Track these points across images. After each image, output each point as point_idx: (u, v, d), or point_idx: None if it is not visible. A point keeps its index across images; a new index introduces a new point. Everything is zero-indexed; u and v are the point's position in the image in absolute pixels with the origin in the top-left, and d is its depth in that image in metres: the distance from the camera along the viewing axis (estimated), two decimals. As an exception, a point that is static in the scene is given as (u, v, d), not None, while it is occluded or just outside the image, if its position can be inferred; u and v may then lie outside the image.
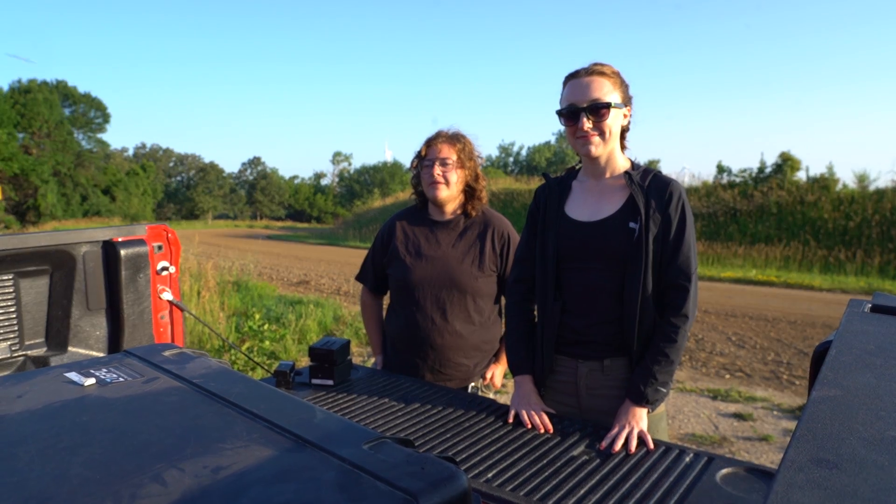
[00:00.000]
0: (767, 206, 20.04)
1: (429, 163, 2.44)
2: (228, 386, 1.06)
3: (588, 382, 1.89)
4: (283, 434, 0.88)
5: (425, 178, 2.46)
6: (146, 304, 2.43)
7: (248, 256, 17.32)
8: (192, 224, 57.40)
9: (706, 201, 21.77)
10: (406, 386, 2.12)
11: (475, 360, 2.47)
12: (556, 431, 1.70)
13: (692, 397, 5.60)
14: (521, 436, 1.66)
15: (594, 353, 1.87)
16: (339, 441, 0.85)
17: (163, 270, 2.50)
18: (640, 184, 1.84)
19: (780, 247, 17.77)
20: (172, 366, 1.17)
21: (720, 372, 6.44)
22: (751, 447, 4.42)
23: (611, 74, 1.84)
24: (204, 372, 1.14)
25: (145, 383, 1.09)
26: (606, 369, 1.87)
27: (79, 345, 2.32)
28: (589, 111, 1.80)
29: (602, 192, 1.92)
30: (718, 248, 18.55)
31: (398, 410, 1.85)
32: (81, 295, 2.33)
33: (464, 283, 2.41)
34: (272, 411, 0.95)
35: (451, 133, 2.51)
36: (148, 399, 1.02)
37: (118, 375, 1.13)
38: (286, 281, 14.13)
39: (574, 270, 1.88)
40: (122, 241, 2.37)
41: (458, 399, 1.96)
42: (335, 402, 1.95)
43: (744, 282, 14.25)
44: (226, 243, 28.42)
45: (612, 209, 1.87)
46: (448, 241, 2.48)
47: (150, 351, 1.26)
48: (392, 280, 2.52)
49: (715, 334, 8.15)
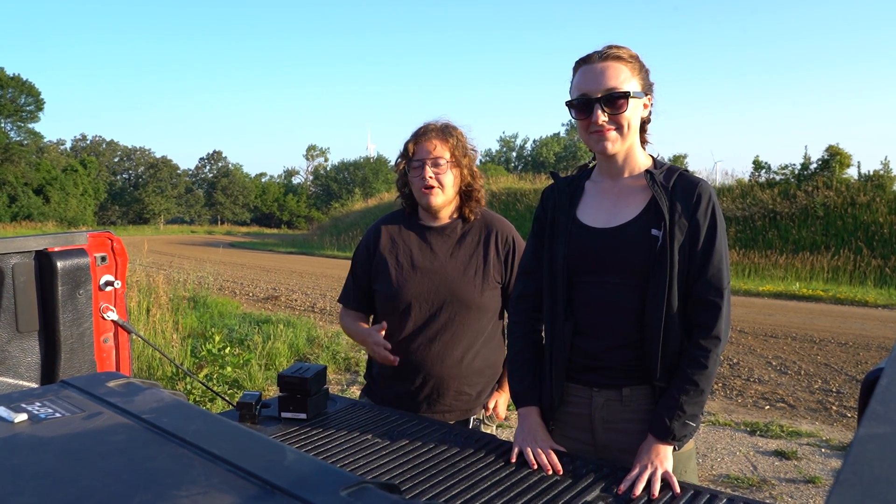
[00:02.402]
0: (813, 208, 20.17)
1: (418, 163, 2.42)
2: (184, 422, 1.07)
3: (604, 415, 1.90)
4: (248, 479, 0.88)
5: (415, 182, 2.44)
6: (87, 326, 2.43)
7: (207, 267, 17.31)
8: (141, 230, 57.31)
9: (741, 203, 21.90)
10: (392, 420, 2.13)
11: (478, 387, 2.47)
12: (567, 473, 1.70)
13: (726, 432, 5.63)
14: (525, 478, 1.67)
15: (611, 381, 1.88)
16: (313, 487, 0.85)
17: (107, 286, 2.50)
18: (664, 184, 1.85)
19: (827, 256, 17.87)
20: (118, 398, 1.17)
21: (759, 402, 6.48)
22: (794, 490, 4.44)
23: (629, 59, 1.85)
24: (155, 406, 1.15)
25: (86, 419, 1.10)
26: (626, 400, 1.87)
27: (6, 373, 2.32)
28: (604, 102, 1.81)
29: (620, 195, 1.93)
30: (756, 258, 18.64)
31: (383, 449, 1.86)
32: (10, 315, 2.33)
33: (467, 299, 2.41)
34: (235, 452, 0.95)
35: (440, 125, 2.49)
36: (89, 438, 1.02)
37: (54, 410, 1.14)
38: (252, 296, 14.13)
39: (588, 285, 1.89)
40: (58, 251, 2.37)
41: (452, 435, 1.96)
42: (308, 439, 1.96)
43: (786, 296, 14.34)
44: (181, 252, 28.38)
45: (632, 214, 1.88)
46: (445, 250, 2.47)
47: (92, 381, 1.26)
48: (379, 297, 2.50)
49: (752, 358, 8.19)
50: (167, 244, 35.92)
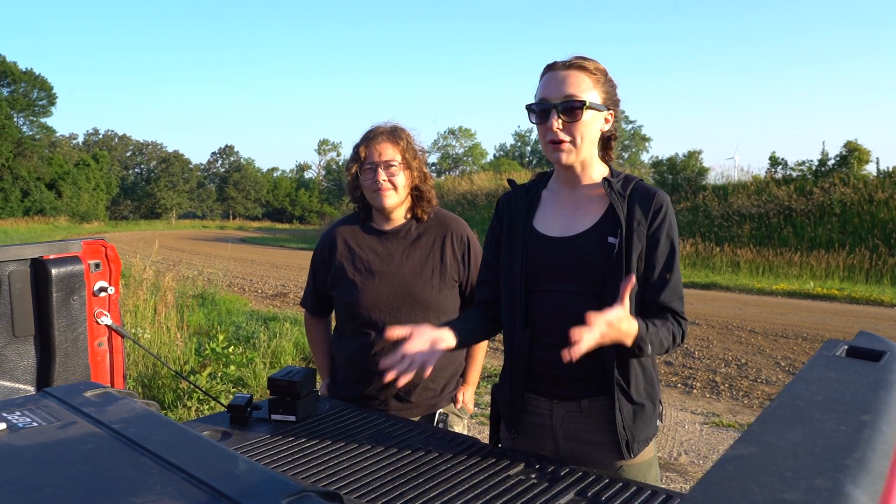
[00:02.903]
0: (829, 205, 20.06)
1: (370, 166, 2.51)
2: (149, 432, 1.15)
3: (565, 426, 1.94)
4: (200, 487, 0.97)
5: (367, 184, 2.52)
6: (81, 331, 2.52)
7: (217, 263, 17.45)
8: (153, 224, 57.71)
9: (756, 199, 21.82)
10: (379, 423, 2.18)
11: (442, 381, 2.58)
12: (542, 477, 1.75)
13: (730, 433, 5.66)
14: (503, 481, 1.72)
15: (570, 393, 1.92)
16: (256, 495, 0.93)
17: (100, 291, 2.59)
18: (621, 192, 1.88)
19: (843, 254, 17.77)
20: (92, 409, 1.26)
21: (765, 403, 6.47)
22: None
23: (593, 71, 1.87)
24: (125, 416, 1.23)
25: (60, 429, 1.19)
26: (584, 411, 1.91)
27: (3, 377, 2.41)
28: (561, 109, 1.82)
29: (577, 204, 1.96)
30: (770, 256, 18.57)
31: (366, 452, 1.91)
32: (6, 320, 2.42)
33: (425, 299, 2.49)
34: (192, 461, 1.04)
35: (389, 128, 2.57)
36: (61, 447, 1.11)
37: (32, 420, 1.23)
38: (260, 293, 14.25)
39: (545, 294, 1.92)
40: (53, 258, 2.46)
41: (440, 439, 2.01)
42: (296, 441, 2.00)
43: (799, 295, 14.29)
44: (192, 248, 28.59)
45: (589, 223, 1.91)
46: (401, 253, 2.56)
47: (71, 391, 1.35)
48: (339, 304, 2.60)
49: (761, 358, 8.20)
50: (178, 239, 36.18)
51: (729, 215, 22.02)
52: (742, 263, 18.65)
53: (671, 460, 5.08)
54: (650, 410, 1.93)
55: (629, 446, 1.88)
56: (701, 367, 7.83)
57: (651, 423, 1.95)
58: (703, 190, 24.16)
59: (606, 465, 1.90)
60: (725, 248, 19.81)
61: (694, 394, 6.86)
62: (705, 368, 7.79)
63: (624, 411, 1.88)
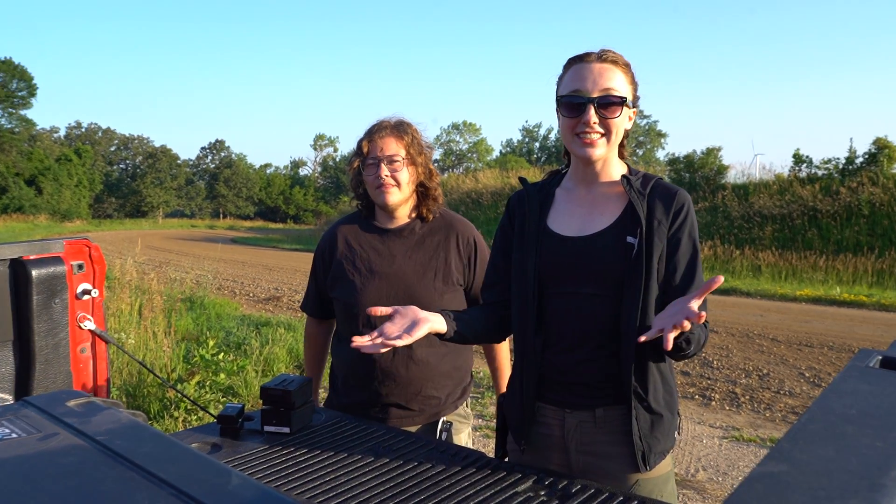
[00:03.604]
0: (857, 205, 20.02)
1: (373, 161, 2.52)
2: (136, 444, 1.15)
3: (578, 437, 1.94)
4: (190, 503, 0.96)
5: (370, 180, 2.54)
6: (63, 336, 2.52)
7: (207, 265, 17.49)
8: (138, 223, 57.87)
9: (779, 199, 21.79)
10: (378, 435, 2.18)
11: (446, 390, 2.58)
12: (552, 494, 1.75)
13: (751, 449, 5.65)
14: (511, 498, 1.71)
15: (584, 401, 1.93)
16: (251, 513, 0.93)
17: (84, 294, 2.59)
18: (641, 191, 1.90)
19: (871, 258, 17.74)
20: (75, 419, 1.26)
21: (788, 417, 6.48)
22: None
23: (624, 66, 1.92)
24: (111, 427, 1.23)
25: (41, 440, 1.18)
26: (599, 421, 1.92)
27: None
28: (599, 103, 1.85)
29: (594, 203, 1.98)
30: (793, 259, 18.54)
31: (365, 466, 1.90)
32: None
33: (427, 302, 2.48)
34: (182, 476, 1.04)
35: (394, 122, 2.59)
36: (42, 460, 1.11)
37: (11, 431, 1.22)
38: (252, 297, 14.27)
39: (560, 296, 1.93)
40: (33, 259, 2.46)
41: (441, 453, 2.01)
42: (290, 454, 2.00)
43: (825, 301, 14.26)
44: (179, 248, 28.67)
45: (607, 222, 1.93)
46: (403, 253, 2.57)
47: (52, 400, 1.35)
48: (339, 305, 2.61)
49: (784, 368, 8.19)
50: (165, 239, 36.26)
51: (750, 216, 21.99)
52: (764, 267, 18.62)
53: (688, 477, 5.07)
54: (668, 421, 1.93)
55: (645, 458, 1.88)
56: (720, 378, 7.81)
57: (669, 435, 1.95)
58: (723, 189, 24.13)
59: (620, 478, 1.91)
60: (746, 250, 19.78)
61: (712, 406, 6.85)
62: (724, 379, 7.77)
63: (641, 420, 1.88)
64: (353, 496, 1.72)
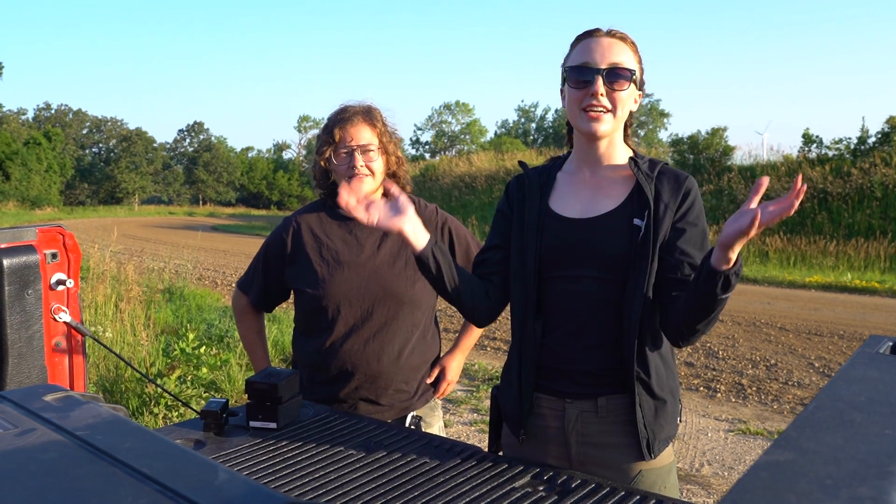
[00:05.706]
0: (869, 187, 20.07)
1: (346, 150, 2.54)
2: (118, 440, 1.16)
3: (579, 428, 1.96)
4: (177, 499, 0.97)
5: (341, 170, 2.55)
6: (36, 329, 2.51)
7: (186, 254, 17.43)
8: (113, 210, 57.54)
9: (787, 182, 21.78)
10: (369, 430, 2.19)
11: (415, 383, 2.63)
12: (550, 489, 1.76)
13: (758, 442, 5.69)
14: (508, 493, 1.73)
15: (585, 390, 1.94)
16: (240, 508, 0.95)
17: (58, 285, 2.58)
18: (648, 174, 1.94)
19: (884, 242, 17.82)
20: (54, 414, 1.26)
21: (797, 409, 6.52)
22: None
23: (632, 45, 1.98)
24: (91, 422, 1.24)
25: (18, 436, 1.19)
26: (601, 411, 1.94)
27: None
28: (607, 75, 1.89)
29: (599, 185, 2.00)
30: (802, 245, 18.61)
31: (356, 462, 1.92)
32: None
33: (399, 292, 2.53)
34: (167, 471, 1.04)
35: (364, 108, 2.62)
36: (20, 456, 1.12)
37: (-14, 426, 1.23)
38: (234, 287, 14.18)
39: (561, 280, 1.96)
40: (4, 247, 2.44)
41: (437, 447, 2.02)
42: (277, 451, 2.01)
43: (836, 288, 14.35)
44: (157, 236, 28.59)
45: (613, 204, 1.96)
46: (372, 242, 2.60)
47: (29, 395, 1.35)
48: (302, 298, 2.62)
49: (792, 358, 8.24)
50: (142, 227, 36.15)
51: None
52: (771, 253, 18.68)
53: (692, 471, 5.11)
54: (672, 406, 1.97)
55: (650, 446, 1.91)
56: (725, 369, 7.86)
57: (672, 421, 1.98)
58: (729, 171, 24.14)
59: (623, 469, 1.93)
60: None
61: (718, 398, 6.90)
62: (730, 370, 7.82)
63: (645, 407, 1.91)
64: (348, 493, 1.73)
